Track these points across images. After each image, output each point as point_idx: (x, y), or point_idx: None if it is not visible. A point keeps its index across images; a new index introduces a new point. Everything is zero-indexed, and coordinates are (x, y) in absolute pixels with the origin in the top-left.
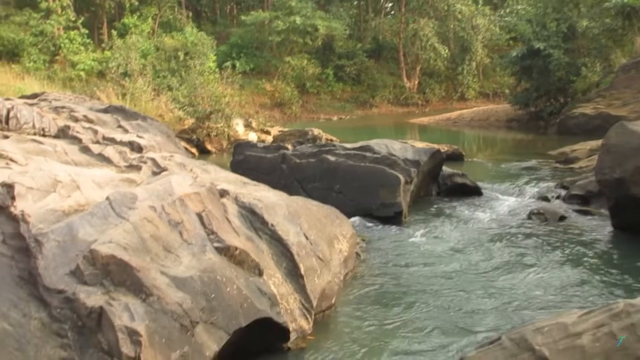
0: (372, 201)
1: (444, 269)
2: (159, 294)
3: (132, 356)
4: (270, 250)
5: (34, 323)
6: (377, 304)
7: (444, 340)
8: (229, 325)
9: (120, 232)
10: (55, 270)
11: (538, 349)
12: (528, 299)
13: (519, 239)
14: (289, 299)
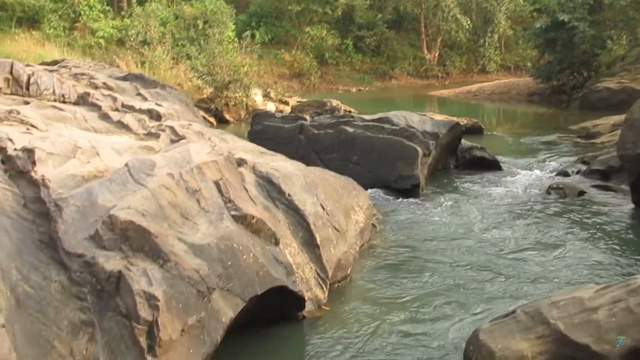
0: (389, 173)
1: (460, 242)
2: (177, 260)
3: (149, 320)
4: (287, 220)
5: (54, 286)
6: (392, 276)
7: (458, 312)
8: (244, 292)
9: (138, 199)
10: (74, 235)
11: (553, 323)
12: (544, 274)
13: (536, 214)
14: (305, 268)
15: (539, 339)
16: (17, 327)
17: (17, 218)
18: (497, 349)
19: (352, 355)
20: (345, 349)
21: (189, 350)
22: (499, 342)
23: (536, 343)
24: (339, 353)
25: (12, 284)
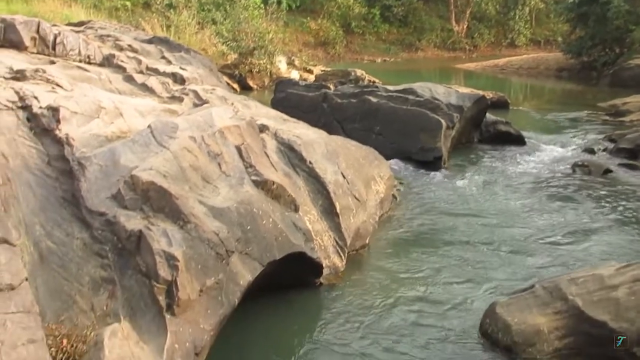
0: (411, 145)
1: (480, 216)
2: (197, 222)
3: (168, 279)
4: (307, 187)
5: (77, 243)
6: (410, 247)
7: (475, 286)
8: (263, 257)
9: (160, 160)
10: (97, 194)
11: (571, 299)
12: (564, 251)
13: (559, 191)
14: (324, 236)
15: (556, 314)
16: (40, 281)
17: (41, 175)
18: (513, 322)
19: (367, 323)
20: (361, 317)
21: (207, 310)
22: (515, 316)
23: (553, 318)
24: (354, 321)
25: (35, 239)
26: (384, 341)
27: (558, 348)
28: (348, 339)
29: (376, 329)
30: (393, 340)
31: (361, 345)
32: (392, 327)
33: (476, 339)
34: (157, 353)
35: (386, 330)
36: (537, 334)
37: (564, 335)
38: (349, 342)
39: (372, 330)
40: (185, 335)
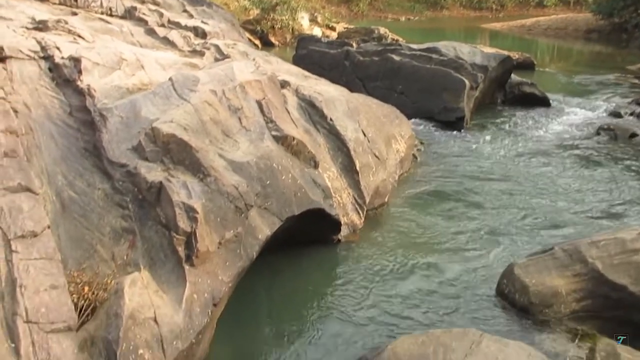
0: (434, 104)
1: (501, 178)
2: (216, 175)
3: (188, 231)
4: (327, 145)
5: (98, 193)
6: (429, 207)
7: (493, 247)
8: (282, 212)
9: (181, 113)
10: (118, 145)
11: (591, 262)
12: (586, 214)
13: (583, 154)
14: (343, 193)
15: (575, 276)
16: (62, 230)
17: (63, 125)
18: (531, 283)
19: (383, 282)
20: (377, 274)
21: (225, 262)
22: (533, 277)
23: (572, 281)
24: (371, 279)
25: (57, 189)
26: (400, 301)
27: (575, 310)
28: (363, 298)
29: (392, 288)
30: (409, 300)
31: (376, 304)
32: (408, 286)
33: (493, 299)
34: (176, 302)
35: (402, 290)
36: (554, 296)
37: (582, 298)
38: (364, 301)
39: (388, 289)
40: (203, 286)
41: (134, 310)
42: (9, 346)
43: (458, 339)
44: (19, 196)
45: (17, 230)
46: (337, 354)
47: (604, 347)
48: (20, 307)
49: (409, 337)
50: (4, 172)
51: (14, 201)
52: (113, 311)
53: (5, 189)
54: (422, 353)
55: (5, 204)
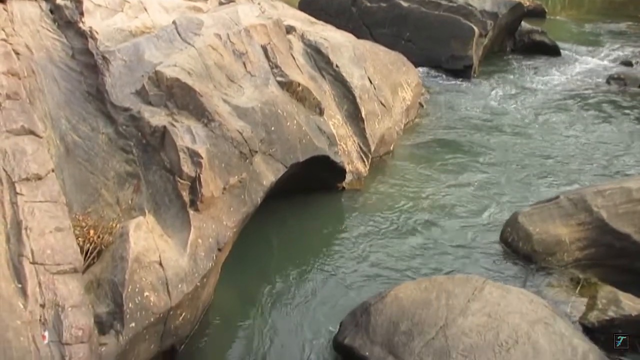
0: (441, 52)
1: (507, 128)
2: (221, 120)
3: (192, 176)
4: (333, 92)
5: (102, 137)
6: (434, 156)
7: (497, 196)
8: (286, 158)
9: (185, 57)
10: (121, 89)
11: (596, 211)
12: (593, 164)
13: (592, 103)
14: (348, 141)
15: (579, 225)
16: (66, 174)
17: (66, 68)
18: (535, 232)
19: (387, 229)
20: (381, 222)
21: (230, 208)
22: (537, 226)
23: (576, 229)
24: (374, 227)
25: (61, 133)
26: (403, 248)
27: (578, 258)
28: (367, 245)
29: (396, 236)
30: (412, 248)
31: (380, 252)
32: (412, 234)
33: (497, 247)
34: (181, 247)
35: (406, 238)
36: (558, 244)
37: (586, 247)
38: (368, 248)
39: (391, 237)
40: (208, 231)
41: (139, 253)
42: (16, 286)
43: (461, 285)
44: (22, 139)
45: (21, 172)
46: (340, 299)
47: (606, 295)
48: (26, 248)
49: (412, 283)
50: (7, 114)
51: (18, 144)
52: (118, 254)
53: (8, 132)
54: (425, 298)
55: (8, 147)
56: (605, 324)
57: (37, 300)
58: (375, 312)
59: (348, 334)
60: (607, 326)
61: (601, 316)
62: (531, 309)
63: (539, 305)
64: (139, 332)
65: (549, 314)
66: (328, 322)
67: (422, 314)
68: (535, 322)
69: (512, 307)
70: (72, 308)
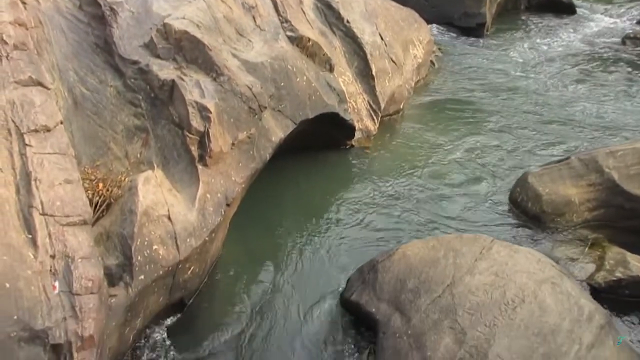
0: (454, 9)
1: (519, 87)
2: (230, 74)
3: (201, 130)
4: (343, 48)
5: (110, 90)
6: (444, 115)
7: (508, 156)
8: (295, 115)
9: (193, 10)
10: (129, 41)
11: (607, 172)
12: (605, 124)
13: (606, 62)
14: (357, 98)
15: (589, 186)
16: (75, 127)
17: (73, 20)
18: (544, 192)
19: (396, 187)
20: (389, 181)
21: (239, 163)
22: (547, 186)
23: (586, 190)
24: (383, 184)
25: (69, 85)
26: (412, 207)
27: (587, 219)
28: (375, 203)
29: (405, 194)
30: (421, 207)
31: (388, 210)
32: (420, 193)
33: (505, 208)
34: (189, 201)
35: (415, 197)
36: (567, 205)
37: (595, 208)
38: (376, 206)
39: (400, 195)
40: (216, 186)
41: (147, 207)
42: (26, 237)
43: (468, 244)
44: (30, 90)
45: (29, 124)
46: (347, 256)
47: (614, 256)
48: (35, 200)
49: (420, 241)
50: (15, 64)
51: (26, 95)
52: (127, 208)
53: (16, 82)
54: (433, 257)
55: (16, 98)
56: (613, 284)
57: (47, 251)
58: (383, 269)
59: (355, 291)
60: (614, 287)
61: (608, 277)
62: (538, 269)
63: (546, 265)
64: (148, 284)
65: (557, 273)
66: (335, 278)
67: (430, 272)
68: (543, 281)
69: (519, 267)
70: (82, 259)
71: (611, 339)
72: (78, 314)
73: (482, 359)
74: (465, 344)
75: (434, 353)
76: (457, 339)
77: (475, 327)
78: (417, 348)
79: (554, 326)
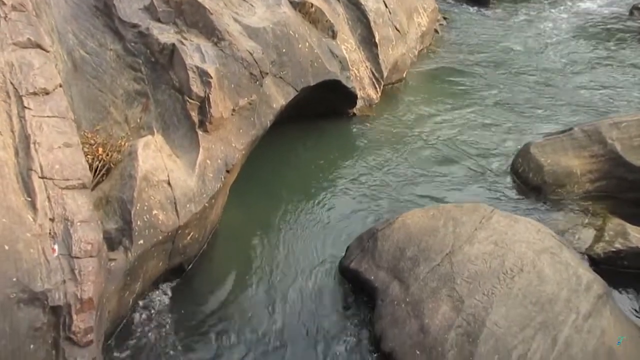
0: None
1: (524, 57)
2: (231, 39)
3: (201, 96)
4: (346, 15)
5: (110, 54)
6: (448, 84)
7: (512, 127)
8: (297, 82)
9: None
10: (129, 4)
11: (610, 143)
12: (610, 95)
13: (612, 33)
14: (360, 66)
15: (592, 157)
16: (75, 91)
17: None
18: (546, 163)
19: (397, 156)
20: (390, 150)
21: (239, 130)
22: (549, 157)
23: (588, 161)
24: (384, 153)
25: (68, 48)
26: (412, 176)
27: (588, 190)
28: (376, 172)
29: (406, 164)
30: (422, 176)
31: (389, 178)
32: (422, 163)
33: (507, 178)
34: (189, 167)
35: (416, 166)
36: (568, 176)
37: (597, 179)
38: (377, 175)
39: (401, 164)
40: (217, 152)
41: (147, 172)
42: (25, 200)
43: (468, 213)
44: (29, 52)
45: (28, 86)
46: (347, 225)
47: (614, 227)
48: (34, 163)
49: (420, 210)
50: (13, 26)
51: (24, 57)
52: (127, 172)
53: (14, 44)
54: (432, 225)
55: (15, 59)
56: (612, 255)
57: (46, 214)
58: (382, 237)
59: (354, 259)
60: (613, 258)
61: (607, 248)
62: (538, 239)
63: (546, 235)
64: (147, 249)
65: (556, 243)
66: (334, 246)
67: (429, 240)
68: (542, 251)
69: (519, 236)
70: (81, 223)
71: (608, 309)
72: (77, 276)
73: (479, 326)
74: (463, 312)
75: (432, 320)
76: (455, 307)
77: (473, 296)
78: (415, 316)
79: (551, 295)
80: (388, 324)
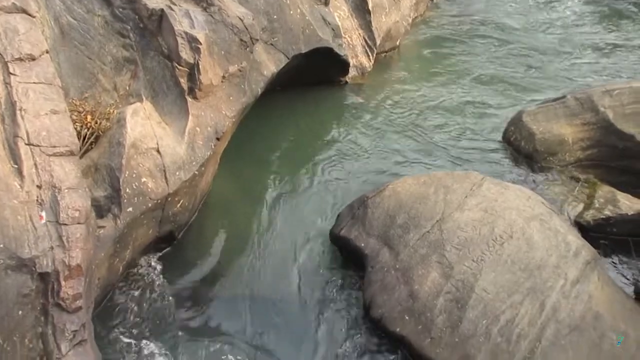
0: None
1: (520, 26)
2: (221, 5)
3: (190, 62)
4: None
5: (98, 20)
6: (441, 53)
7: (504, 95)
8: (289, 49)
9: None
10: None
11: (602, 111)
12: (605, 64)
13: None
14: (353, 34)
15: (584, 125)
16: (62, 58)
17: None
18: (538, 131)
19: (388, 125)
20: (381, 118)
21: (229, 97)
22: (541, 125)
23: (580, 129)
24: (376, 122)
25: (55, 14)
26: (403, 144)
27: (579, 159)
28: (367, 141)
29: (396, 132)
30: (413, 144)
31: (380, 147)
32: (412, 131)
33: (498, 146)
34: (179, 134)
35: (406, 134)
36: (560, 144)
37: (588, 147)
38: (368, 143)
39: (392, 133)
40: (206, 119)
41: (136, 139)
42: (12, 167)
43: (459, 181)
44: (13, 17)
45: (13, 52)
46: (338, 193)
47: (604, 194)
48: (21, 129)
49: (411, 178)
50: None
51: (9, 22)
52: (115, 140)
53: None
54: (423, 192)
55: (0, 24)
56: (601, 222)
57: (33, 181)
58: (373, 205)
59: (344, 226)
60: (602, 225)
61: (597, 215)
62: (528, 206)
63: (536, 202)
64: (136, 216)
65: (546, 211)
66: (325, 214)
67: (419, 207)
68: (531, 218)
69: (509, 204)
70: (69, 190)
71: (596, 274)
72: (65, 243)
73: (468, 292)
74: (452, 278)
75: (421, 287)
76: (444, 274)
77: (463, 262)
78: (405, 282)
79: (540, 262)
80: (378, 290)
